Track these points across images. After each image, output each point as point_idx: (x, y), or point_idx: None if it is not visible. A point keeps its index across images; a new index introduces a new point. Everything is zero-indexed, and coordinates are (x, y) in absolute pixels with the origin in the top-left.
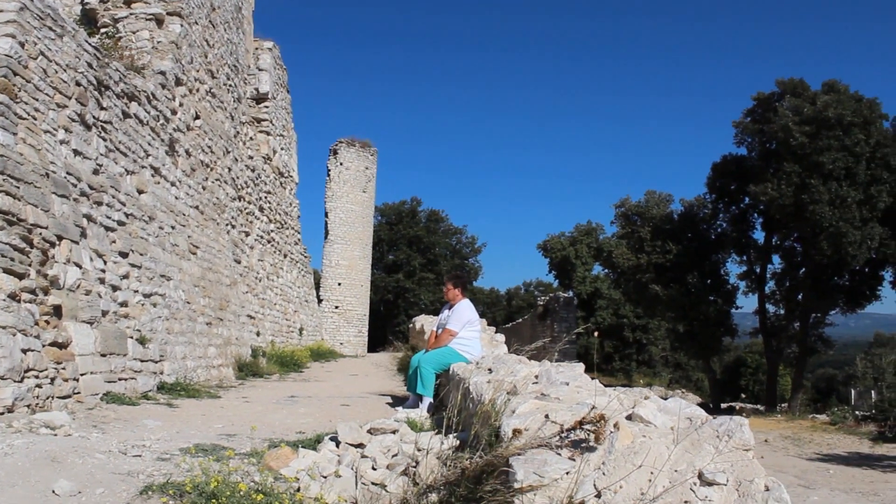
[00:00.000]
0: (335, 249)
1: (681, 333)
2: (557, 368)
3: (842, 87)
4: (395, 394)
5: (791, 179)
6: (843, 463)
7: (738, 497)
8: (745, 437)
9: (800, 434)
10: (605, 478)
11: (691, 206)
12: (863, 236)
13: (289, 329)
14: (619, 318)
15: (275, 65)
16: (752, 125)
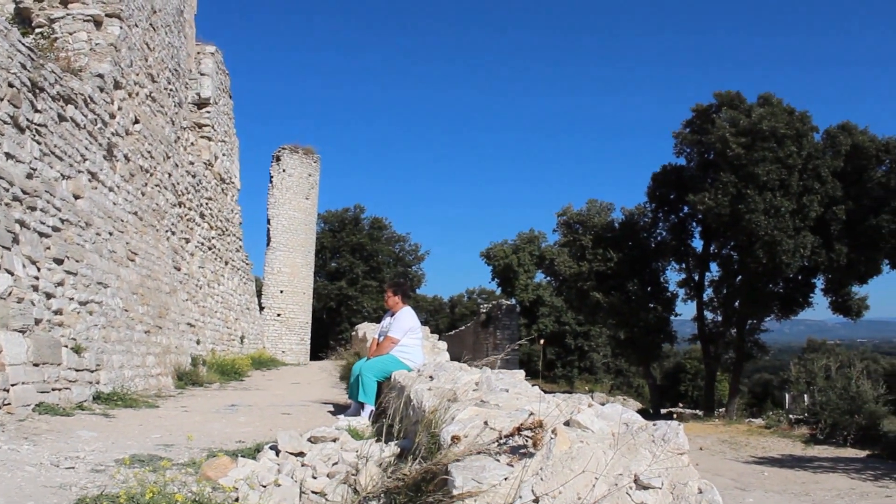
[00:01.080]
0: (277, 257)
1: (621, 340)
2: (498, 375)
3: (776, 100)
4: (337, 402)
5: (728, 189)
6: (778, 465)
7: (673, 500)
8: (680, 441)
9: (736, 438)
10: (544, 483)
11: (632, 214)
12: (796, 245)
13: (230, 337)
14: (561, 326)
15: (217, 70)
16: (690, 136)
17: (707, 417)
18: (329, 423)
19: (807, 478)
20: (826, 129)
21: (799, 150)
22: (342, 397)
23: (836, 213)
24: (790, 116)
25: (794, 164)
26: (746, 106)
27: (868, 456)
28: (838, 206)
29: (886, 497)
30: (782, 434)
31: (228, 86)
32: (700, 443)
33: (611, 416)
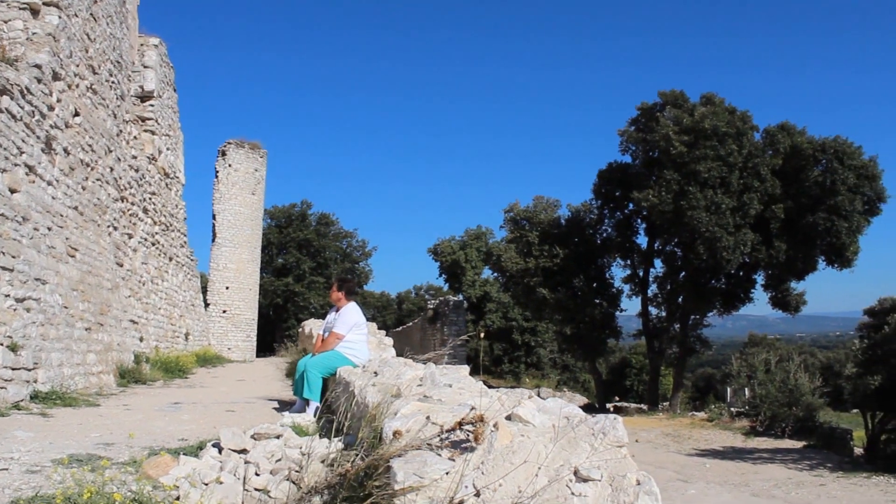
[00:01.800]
0: (223, 252)
1: (568, 336)
2: (442, 371)
3: (718, 99)
4: (283, 399)
5: (671, 187)
6: (719, 457)
7: (612, 492)
8: (618, 434)
9: (680, 431)
10: (485, 477)
11: (578, 211)
12: (736, 241)
13: (174, 334)
14: (508, 321)
15: (161, 62)
16: (635, 134)
17: (651, 411)
18: (274, 419)
19: (746, 469)
20: (765, 129)
21: (740, 149)
22: (288, 394)
23: (774, 211)
24: (731, 116)
25: (734, 162)
26: (690, 105)
27: (804, 447)
28: (777, 205)
29: (821, 486)
30: (724, 427)
31: (173, 79)
32: (645, 436)
33: (552, 410)
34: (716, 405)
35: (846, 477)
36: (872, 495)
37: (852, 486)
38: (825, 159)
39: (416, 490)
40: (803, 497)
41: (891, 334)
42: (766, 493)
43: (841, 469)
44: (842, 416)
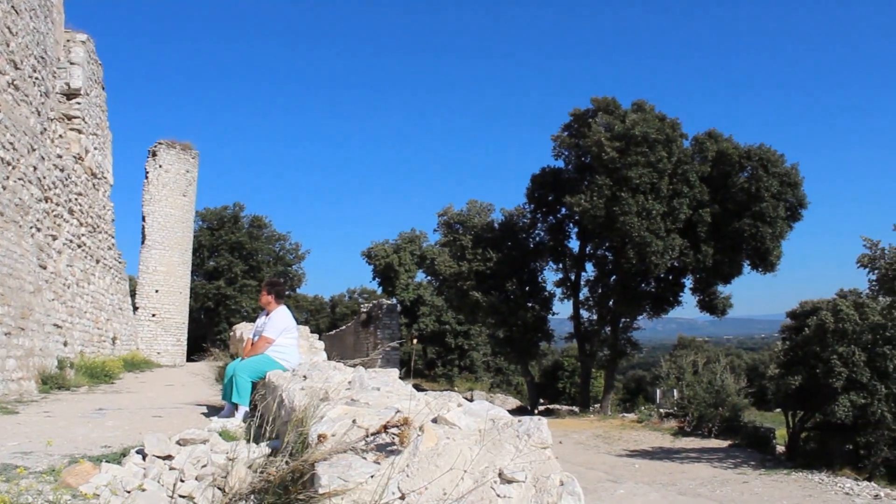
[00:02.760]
0: (153, 255)
1: (500, 339)
2: (370, 374)
3: (648, 106)
4: (212, 404)
5: (603, 192)
6: (648, 457)
7: (536, 493)
8: (543, 436)
9: (610, 432)
10: (410, 480)
11: (511, 215)
12: (665, 246)
13: (100, 339)
14: (442, 325)
15: (88, 59)
16: (568, 139)
17: (583, 413)
18: (202, 425)
19: (674, 468)
20: (694, 136)
21: (669, 156)
22: (217, 399)
23: (702, 216)
24: (661, 123)
25: (664, 168)
26: (621, 112)
27: (730, 446)
28: (705, 210)
29: (744, 483)
30: (653, 428)
31: (101, 76)
32: (576, 438)
33: (478, 413)
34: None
35: (768, 474)
36: (791, 491)
37: (773, 482)
38: (750, 166)
39: (341, 494)
40: (727, 494)
41: (811, 336)
42: (692, 492)
43: (763, 467)
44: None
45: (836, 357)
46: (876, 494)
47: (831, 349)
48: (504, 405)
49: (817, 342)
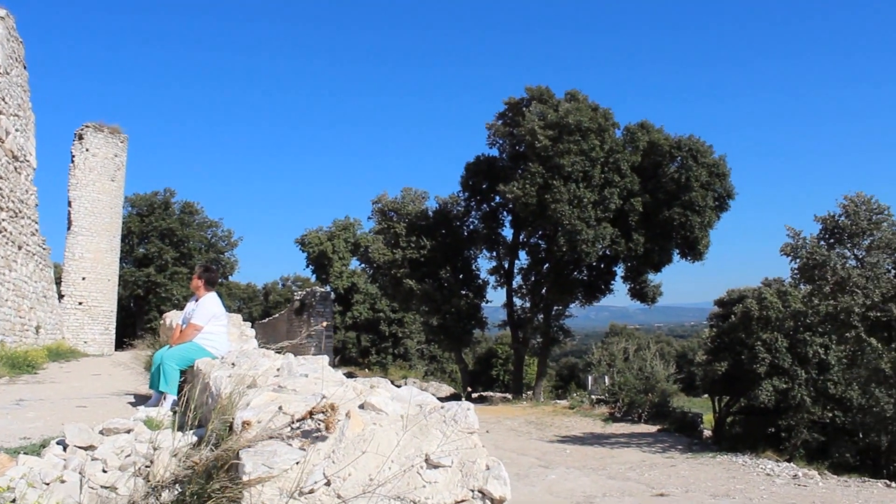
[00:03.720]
0: (79, 241)
1: (434, 327)
2: (300, 361)
3: (581, 96)
4: (140, 393)
5: (536, 180)
6: (579, 443)
7: (462, 477)
8: (470, 421)
9: (542, 419)
10: (335, 466)
11: (446, 203)
12: (596, 235)
13: (23, 328)
14: (376, 313)
15: (8, 36)
16: (503, 128)
17: (516, 400)
18: (128, 414)
19: (604, 453)
20: (626, 126)
21: (601, 145)
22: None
23: (633, 205)
24: (594, 112)
25: (596, 157)
26: (555, 101)
27: (658, 430)
28: (636, 199)
29: (671, 467)
30: (584, 414)
31: (23, 55)
32: (509, 424)
33: (406, 399)
34: (577, 393)
35: (694, 457)
36: (716, 473)
37: (699, 465)
38: (680, 157)
39: (266, 481)
40: (655, 478)
41: (736, 323)
42: (621, 476)
43: (690, 450)
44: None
45: (760, 343)
46: (794, 474)
47: (756, 336)
48: (438, 393)
49: (742, 329)
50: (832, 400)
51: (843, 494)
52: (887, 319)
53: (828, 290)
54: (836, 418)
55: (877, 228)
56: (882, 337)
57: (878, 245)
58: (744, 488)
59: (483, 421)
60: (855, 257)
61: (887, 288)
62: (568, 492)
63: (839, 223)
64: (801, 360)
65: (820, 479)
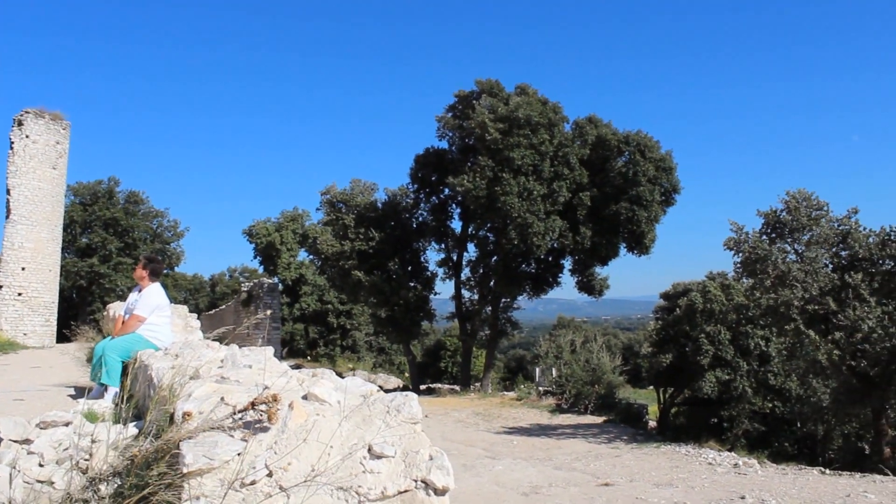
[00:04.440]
0: (18, 230)
1: (382, 318)
2: (244, 352)
3: (531, 90)
4: (81, 385)
5: (485, 173)
6: (526, 434)
7: (405, 467)
8: (413, 411)
9: (490, 410)
10: (277, 457)
11: (395, 195)
12: (546, 228)
13: None
14: (324, 304)
15: None
16: (452, 121)
17: (464, 392)
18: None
19: (551, 444)
20: (575, 120)
21: (551, 138)
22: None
23: (582, 199)
24: (544, 106)
25: (546, 150)
26: (505, 94)
27: (604, 421)
28: (584, 193)
29: (616, 457)
30: (532, 405)
31: None
32: (456, 416)
33: (350, 389)
34: (525, 385)
35: (639, 447)
36: (660, 463)
37: (644, 455)
38: (628, 151)
39: (207, 472)
40: (601, 468)
41: (681, 316)
42: (567, 466)
43: (635, 441)
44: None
45: (704, 336)
46: (735, 463)
47: (700, 328)
48: (386, 384)
49: (687, 322)
50: (772, 391)
51: (780, 482)
52: (824, 312)
53: (769, 284)
54: (776, 408)
55: (816, 224)
56: (819, 329)
57: (816, 240)
58: (686, 477)
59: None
60: (795, 252)
61: (825, 282)
62: (514, 482)
63: (781, 219)
64: (743, 352)
65: (759, 468)
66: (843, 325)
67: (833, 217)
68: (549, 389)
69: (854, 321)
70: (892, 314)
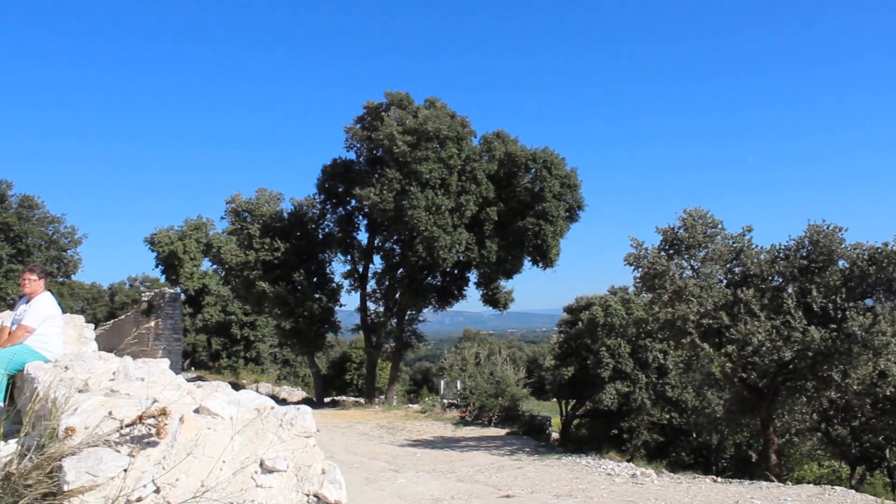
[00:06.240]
0: None
1: (287, 330)
2: (137, 364)
3: (440, 103)
4: None
5: (392, 185)
6: (430, 447)
7: (298, 481)
8: (307, 425)
9: (394, 423)
10: (166, 472)
11: (301, 205)
12: (452, 241)
13: None
14: (228, 315)
15: None
16: (361, 132)
17: (368, 404)
18: None
19: (454, 456)
20: (483, 135)
21: (459, 153)
22: None
23: (488, 214)
24: (452, 120)
25: (454, 164)
26: (414, 107)
27: (508, 433)
28: (491, 207)
29: (518, 469)
30: (436, 418)
31: None
32: (360, 429)
33: (243, 403)
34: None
35: (541, 459)
36: (561, 474)
37: (545, 466)
38: (535, 168)
39: (90, 490)
40: (503, 479)
41: (583, 329)
42: (469, 478)
43: (537, 452)
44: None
45: (605, 349)
46: (633, 473)
47: (601, 342)
48: (291, 397)
49: (589, 335)
50: (670, 402)
51: (674, 490)
52: (718, 326)
53: (666, 299)
54: (674, 419)
55: (711, 241)
56: (714, 343)
57: (711, 257)
58: (585, 488)
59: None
60: (691, 268)
61: (719, 297)
62: (417, 495)
63: (678, 236)
64: (642, 365)
65: (656, 477)
66: (735, 338)
67: (727, 235)
68: (453, 402)
69: (745, 335)
70: (780, 328)
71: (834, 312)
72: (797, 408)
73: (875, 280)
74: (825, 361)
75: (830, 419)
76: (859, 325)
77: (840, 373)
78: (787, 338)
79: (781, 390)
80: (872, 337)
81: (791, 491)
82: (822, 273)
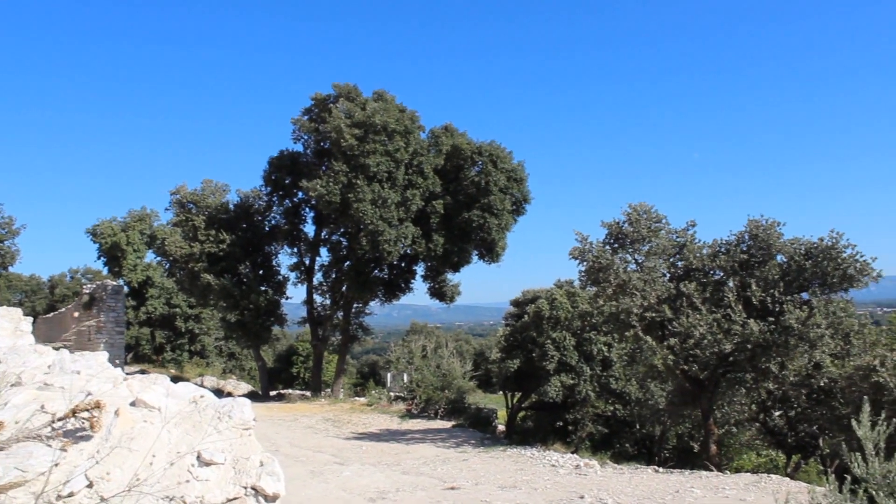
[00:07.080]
0: None
1: (232, 323)
2: (74, 357)
3: (389, 96)
4: None
5: (339, 178)
6: (375, 440)
7: (235, 474)
8: (245, 417)
9: (340, 416)
10: (100, 466)
11: (247, 197)
12: (398, 235)
13: None
14: (172, 308)
15: None
16: (308, 124)
17: (314, 397)
18: None
19: (400, 449)
20: (431, 129)
21: (406, 146)
22: None
23: (435, 207)
24: (401, 114)
25: (401, 158)
26: (362, 99)
27: (454, 426)
28: (438, 201)
29: (463, 461)
30: (382, 411)
31: None
32: (306, 421)
33: (181, 395)
34: (376, 390)
35: (486, 451)
36: (506, 465)
37: (490, 458)
38: (481, 161)
39: (18, 486)
40: (448, 472)
41: (529, 322)
42: (415, 471)
43: (483, 445)
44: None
45: (550, 342)
46: (577, 465)
47: (546, 334)
48: (236, 390)
49: (534, 328)
50: (614, 394)
51: (617, 481)
52: (661, 320)
53: (611, 292)
54: (618, 411)
55: (655, 236)
56: (657, 335)
57: (655, 251)
58: (530, 479)
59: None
60: (635, 262)
61: (662, 290)
62: (361, 488)
63: (623, 230)
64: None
65: (599, 468)
66: (678, 331)
67: (671, 229)
68: (400, 395)
69: (687, 328)
70: (721, 322)
71: (772, 306)
72: (736, 399)
73: (811, 274)
74: (763, 353)
75: (768, 410)
76: (796, 318)
77: (777, 364)
78: (727, 331)
79: (721, 382)
80: (808, 329)
81: (729, 480)
82: (761, 267)
